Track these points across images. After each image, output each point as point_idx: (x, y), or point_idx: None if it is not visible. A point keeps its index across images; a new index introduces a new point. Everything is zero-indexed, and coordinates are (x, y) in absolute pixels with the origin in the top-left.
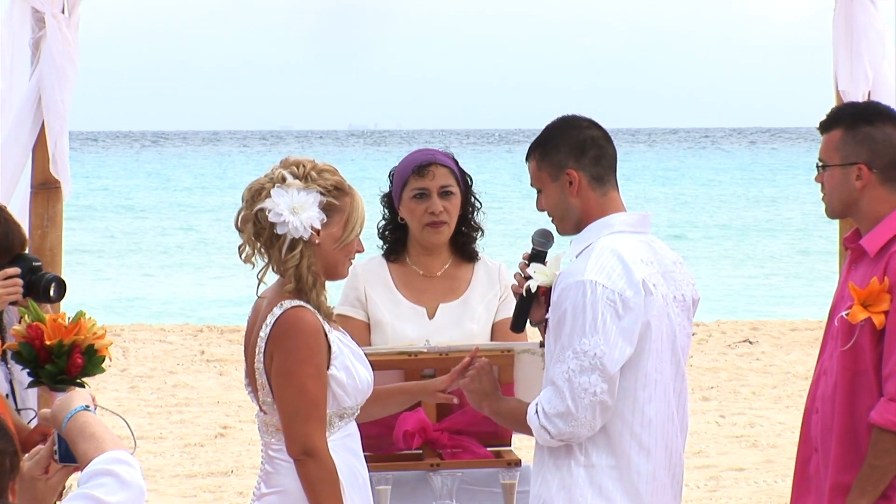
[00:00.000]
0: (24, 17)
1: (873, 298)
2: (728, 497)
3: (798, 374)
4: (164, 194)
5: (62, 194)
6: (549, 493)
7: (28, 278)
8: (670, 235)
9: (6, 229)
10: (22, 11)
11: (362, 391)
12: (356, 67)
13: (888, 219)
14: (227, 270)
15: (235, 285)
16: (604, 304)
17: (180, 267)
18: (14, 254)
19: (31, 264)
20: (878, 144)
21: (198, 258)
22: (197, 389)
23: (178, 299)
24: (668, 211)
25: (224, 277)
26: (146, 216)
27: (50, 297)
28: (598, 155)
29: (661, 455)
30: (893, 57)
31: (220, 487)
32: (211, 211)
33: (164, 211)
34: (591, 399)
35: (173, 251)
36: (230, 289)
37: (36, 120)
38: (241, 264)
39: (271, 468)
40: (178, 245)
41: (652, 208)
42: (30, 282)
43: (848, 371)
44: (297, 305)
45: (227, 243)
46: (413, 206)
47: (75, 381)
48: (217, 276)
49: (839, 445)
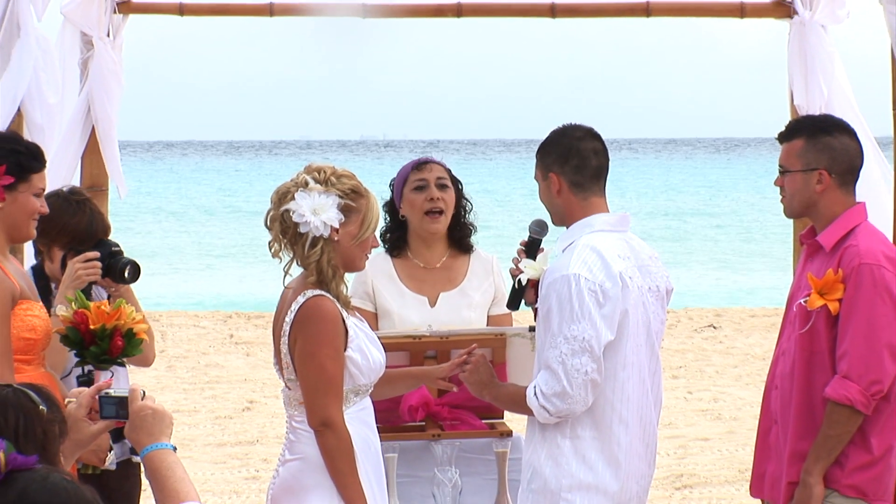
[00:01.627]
0: (74, 40)
1: (829, 288)
2: (695, 463)
3: (756, 355)
4: (217, 198)
5: (108, 196)
6: (538, 462)
7: (107, 261)
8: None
9: (90, 218)
10: (72, 35)
11: (375, 370)
12: (367, 84)
13: (842, 218)
14: (253, 264)
15: (262, 277)
16: (587, 294)
17: (211, 261)
18: (97, 239)
19: (111, 249)
20: (837, 152)
21: (224, 253)
22: (226, 368)
23: (210, 289)
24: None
25: (249, 270)
26: (180, 219)
27: (125, 278)
28: (580, 165)
29: (638, 427)
30: (844, 74)
31: (247, 455)
32: (237, 213)
33: (211, 213)
34: (583, 378)
35: (200, 248)
36: (257, 280)
37: (84, 130)
38: (266, 258)
39: (294, 437)
40: (201, 242)
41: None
42: (108, 265)
43: (805, 352)
44: (318, 295)
45: (249, 240)
46: (413, 197)
47: (117, 360)
48: (244, 269)
49: (797, 417)
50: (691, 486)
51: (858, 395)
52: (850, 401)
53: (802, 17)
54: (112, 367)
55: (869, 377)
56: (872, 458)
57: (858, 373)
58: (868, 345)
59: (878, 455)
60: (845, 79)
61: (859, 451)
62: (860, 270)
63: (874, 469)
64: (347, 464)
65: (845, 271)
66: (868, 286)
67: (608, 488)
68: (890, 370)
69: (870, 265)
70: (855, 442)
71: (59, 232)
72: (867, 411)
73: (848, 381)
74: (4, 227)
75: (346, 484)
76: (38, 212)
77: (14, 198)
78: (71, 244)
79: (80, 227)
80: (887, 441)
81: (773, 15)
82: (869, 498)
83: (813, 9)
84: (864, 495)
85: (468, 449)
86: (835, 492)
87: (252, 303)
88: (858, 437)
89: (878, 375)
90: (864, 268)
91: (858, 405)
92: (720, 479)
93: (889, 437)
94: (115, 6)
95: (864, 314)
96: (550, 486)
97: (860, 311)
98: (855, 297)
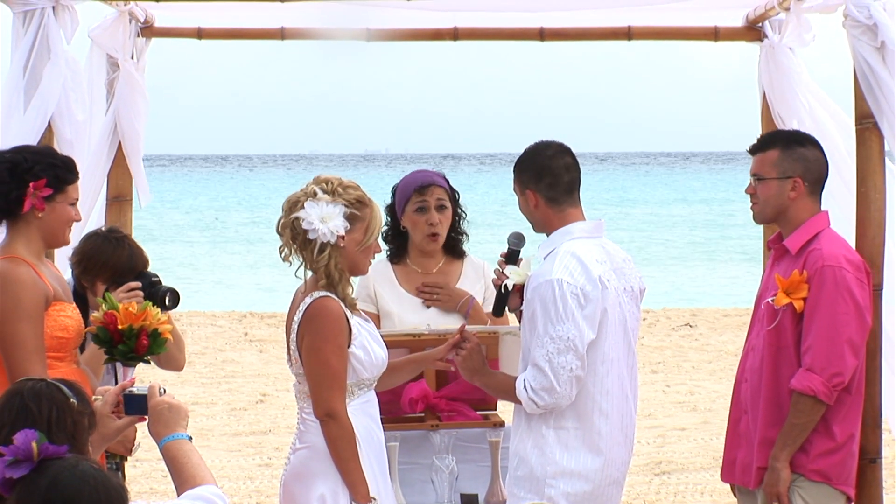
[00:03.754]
0: (101, 62)
1: (794, 287)
2: (673, 451)
3: (730, 351)
4: (240, 209)
5: (132, 206)
6: (524, 450)
7: (148, 290)
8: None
9: (130, 253)
10: (99, 57)
11: (377, 366)
12: (371, 102)
13: (807, 224)
14: (266, 267)
15: (273, 280)
16: (569, 297)
17: (229, 263)
18: (137, 272)
19: (151, 279)
20: (810, 163)
21: (242, 257)
22: (241, 364)
23: (226, 291)
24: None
25: (259, 272)
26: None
27: (166, 305)
28: (553, 182)
29: (617, 418)
30: (815, 88)
31: (260, 444)
32: (245, 225)
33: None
34: (568, 375)
35: (214, 254)
36: (268, 282)
37: (111, 146)
38: (278, 263)
39: (304, 427)
40: (214, 246)
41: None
42: (149, 293)
43: (773, 347)
44: (325, 296)
45: (258, 242)
46: (415, 217)
47: (143, 358)
48: (256, 271)
49: (766, 407)
50: (669, 472)
51: (821, 387)
52: (813, 391)
53: (772, 40)
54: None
55: (831, 370)
56: (836, 445)
57: (821, 366)
58: (830, 340)
59: (841, 442)
60: (819, 91)
61: (823, 439)
62: (823, 272)
63: (837, 455)
64: (349, 451)
65: (810, 272)
66: (830, 287)
67: (590, 474)
68: (850, 364)
69: (832, 267)
70: (818, 430)
71: (101, 267)
72: (829, 401)
73: (811, 374)
74: (42, 234)
75: (349, 470)
76: (73, 220)
77: (52, 208)
78: (113, 277)
79: (120, 261)
80: (849, 430)
81: (744, 38)
82: (833, 482)
83: (781, 33)
84: (829, 479)
85: (464, 438)
86: (801, 476)
87: (265, 303)
88: (822, 426)
89: (839, 368)
90: (827, 269)
91: (821, 395)
92: (696, 466)
93: (851, 426)
94: (138, 30)
95: (826, 312)
96: (536, 473)
97: (823, 310)
98: (818, 297)
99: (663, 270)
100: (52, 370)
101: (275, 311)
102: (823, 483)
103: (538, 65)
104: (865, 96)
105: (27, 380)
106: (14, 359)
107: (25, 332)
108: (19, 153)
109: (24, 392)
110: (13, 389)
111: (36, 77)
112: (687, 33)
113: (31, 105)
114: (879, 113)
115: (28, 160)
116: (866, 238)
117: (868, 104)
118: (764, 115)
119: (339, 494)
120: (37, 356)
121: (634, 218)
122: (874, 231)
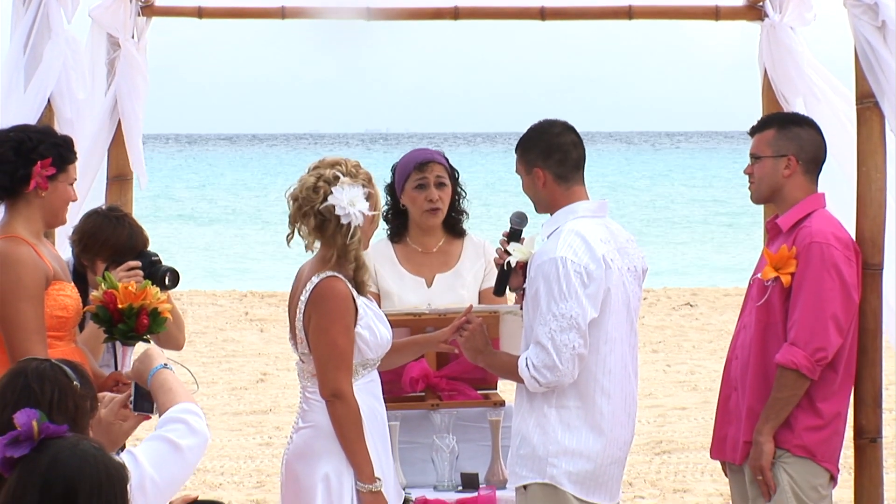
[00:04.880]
0: (101, 42)
1: (782, 262)
2: (673, 431)
3: (730, 331)
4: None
5: (132, 185)
6: (527, 429)
7: (148, 270)
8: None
9: (130, 231)
10: (99, 36)
11: (382, 346)
12: (371, 82)
13: (802, 203)
14: (269, 246)
15: (277, 259)
16: (573, 275)
17: (230, 240)
18: (137, 251)
19: (151, 258)
20: (805, 142)
21: (242, 236)
22: (242, 343)
23: (227, 268)
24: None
25: (259, 250)
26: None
27: (166, 284)
28: (562, 159)
29: (619, 397)
30: (816, 69)
31: (261, 423)
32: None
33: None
34: (570, 353)
35: (226, 231)
36: (271, 261)
37: (112, 125)
38: (280, 242)
39: (307, 407)
40: (228, 224)
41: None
42: (149, 273)
43: (761, 323)
44: (332, 276)
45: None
46: (415, 195)
47: (142, 337)
48: (252, 249)
49: (752, 383)
50: (670, 451)
51: (804, 361)
52: (795, 365)
53: (773, 19)
54: None
55: (814, 344)
56: (821, 422)
57: (804, 340)
58: (815, 315)
59: (827, 420)
60: (821, 68)
61: (807, 415)
62: (810, 248)
63: (823, 432)
64: (355, 431)
65: (798, 249)
66: (817, 263)
67: (592, 454)
68: (834, 340)
69: (820, 244)
70: (802, 406)
71: (101, 246)
72: (812, 376)
73: (795, 348)
74: (43, 214)
75: (354, 450)
76: (72, 199)
77: (55, 187)
78: (113, 256)
79: (120, 240)
80: (835, 408)
81: (745, 18)
82: (817, 458)
83: (782, 12)
84: (813, 455)
85: (464, 417)
86: (786, 451)
87: (265, 283)
88: (806, 402)
89: (822, 343)
90: (815, 246)
91: (804, 370)
92: (696, 445)
93: (838, 404)
94: (139, 9)
95: (812, 288)
96: (538, 452)
97: (809, 285)
98: (805, 273)
99: (664, 250)
100: (51, 349)
101: (275, 290)
102: (808, 459)
103: (539, 44)
104: (866, 76)
105: (31, 360)
106: (15, 339)
107: (26, 312)
108: (22, 132)
109: (27, 372)
110: (17, 369)
111: (36, 56)
112: (687, 13)
113: (31, 84)
114: (880, 92)
115: (32, 139)
116: (867, 217)
117: (869, 83)
118: (765, 95)
119: (343, 474)
120: (38, 336)
121: (635, 198)
122: (875, 210)
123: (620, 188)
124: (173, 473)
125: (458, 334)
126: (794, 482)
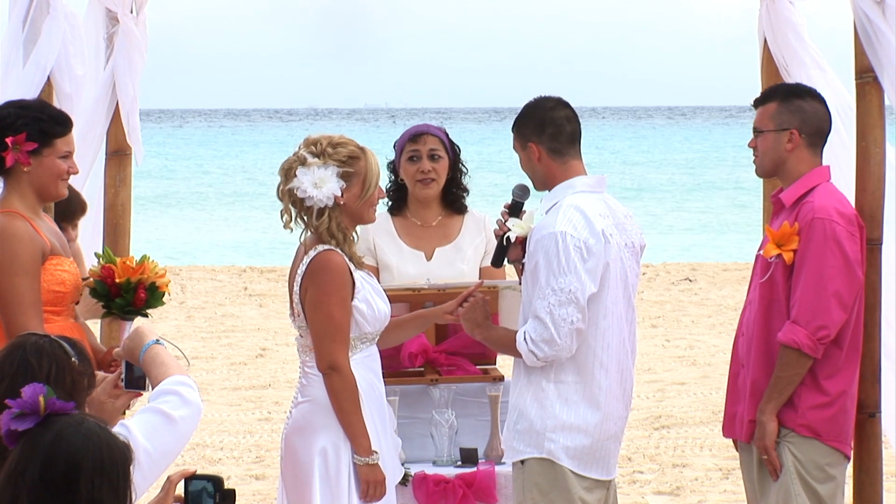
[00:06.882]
0: (100, 16)
1: (785, 239)
2: (672, 405)
3: (729, 306)
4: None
5: (131, 160)
6: (524, 404)
7: None
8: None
9: (69, 195)
10: (97, 11)
11: (380, 320)
12: (370, 56)
13: (805, 177)
14: (264, 221)
15: (272, 234)
16: (572, 250)
17: (226, 216)
18: (73, 214)
19: None
20: (808, 115)
21: (238, 211)
22: (241, 319)
23: (226, 244)
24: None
25: (253, 224)
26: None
27: None
28: (556, 133)
29: (616, 372)
30: (812, 44)
31: (260, 398)
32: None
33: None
34: (569, 327)
35: (221, 203)
36: (267, 236)
37: (111, 101)
38: (277, 218)
39: (306, 381)
40: (221, 198)
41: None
42: None
43: (765, 300)
44: (328, 249)
45: (257, 195)
46: (408, 166)
47: (140, 311)
48: (250, 225)
49: (756, 361)
50: (669, 426)
51: (805, 339)
52: (797, 344)
53: None
54: None
55: (816, 322)
56: (827, 400)
57: (806, 318)
58: (817, 293)
59: (833, 398)
60: (815, 48)
61: (811, 393)
62: (813, 224)
63: (828, 410)
64: (352, 404)
65: (801, 225)
66: (819, 239)
67: (589, 428)
68: (836, 317)
69: (822, 220)
70: (806, 384)
71: None
72: (815, 354)
73: (796, 326)
74: (33, 188)
75: (351, 423)
76: (66, 172)
77: (39, 161)
78: (54, 219)
79: (59, 204)
80: (841, 386)
81: None
82: (823, 438)
83: None
84: (818, 435)
85: (463, 392)
86: (791, 431)
87: (265, 258)
88: (810, 380)
89: (824, 321)
90: (817, 222)
91: (805, 348)
92: (695, 420)
93: (843, 382)
94: None
95: (814, 264)
96: (536, 427)
97: (811, 262)
98: (807, 249)
99: (663, 225)
100: (48, 324)
101: (275, 265)
102: (813, 438)
103: (539, 18)
104: (865, 50)
105: (31, 334)
106: (11, 313)
107: (23, 286)
108: (4, 108)
109: (26, 346)
110: (16, 343)
111: (35, 31)
112: None
113: (30, 59)
114: (879, 67)
115: (11, 115)
116: (866, 192)
117: (868, 58)
118: (764, 69)
119: (340, 448)
120: (34, 311)
121: (634, 175)
122: (874, 185)
123: (634, 165)
124: (167, 444)
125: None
126: (798, 462)
